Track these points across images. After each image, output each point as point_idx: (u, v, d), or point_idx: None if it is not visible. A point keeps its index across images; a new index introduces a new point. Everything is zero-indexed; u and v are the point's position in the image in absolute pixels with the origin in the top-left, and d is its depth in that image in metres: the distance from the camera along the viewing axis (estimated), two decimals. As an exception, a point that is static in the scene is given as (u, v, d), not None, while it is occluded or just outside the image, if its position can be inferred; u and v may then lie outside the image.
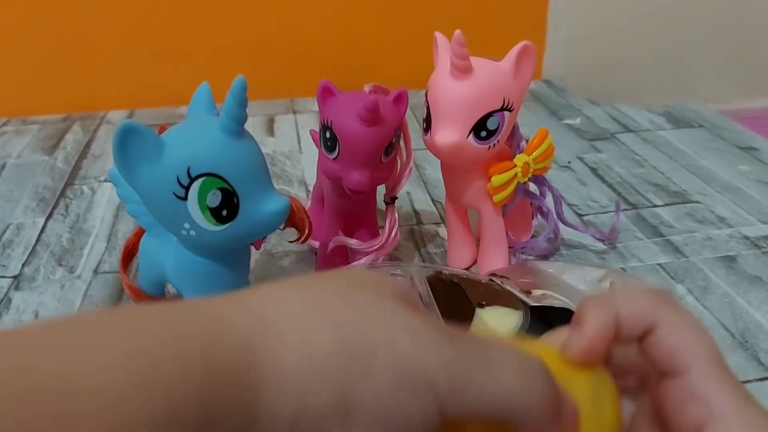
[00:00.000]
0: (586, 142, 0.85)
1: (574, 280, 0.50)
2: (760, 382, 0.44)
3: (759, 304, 0.52)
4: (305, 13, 1.03)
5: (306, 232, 0.47)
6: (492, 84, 0.47)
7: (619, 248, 0.60)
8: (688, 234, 0.62)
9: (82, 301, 0.55)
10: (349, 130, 0.46)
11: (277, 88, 1.02)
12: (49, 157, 0.84)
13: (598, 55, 1.09)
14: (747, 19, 1.10)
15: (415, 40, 0.86)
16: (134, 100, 1.02)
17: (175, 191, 0.36)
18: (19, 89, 1.01)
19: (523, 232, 0.58)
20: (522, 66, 0.48)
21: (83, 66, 1.01)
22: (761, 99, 1.13)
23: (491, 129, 0.47)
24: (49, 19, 0.97)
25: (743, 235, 0.62)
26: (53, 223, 0.68)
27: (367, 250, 0.51)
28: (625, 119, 0.93)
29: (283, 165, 0.80)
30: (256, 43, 1.03)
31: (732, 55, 1.12)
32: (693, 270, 0.57)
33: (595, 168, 0.78)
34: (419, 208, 0.69)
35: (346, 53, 1.05)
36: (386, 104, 0.47)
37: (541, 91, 1.05)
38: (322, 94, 0.48)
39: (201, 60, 1.02)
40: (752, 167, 0.77)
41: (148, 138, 0.35)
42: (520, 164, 0.51)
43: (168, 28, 1.01)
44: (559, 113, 0.96)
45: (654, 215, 0.66)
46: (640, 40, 1.08)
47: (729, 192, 0.71)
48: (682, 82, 1.08)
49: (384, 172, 0.49)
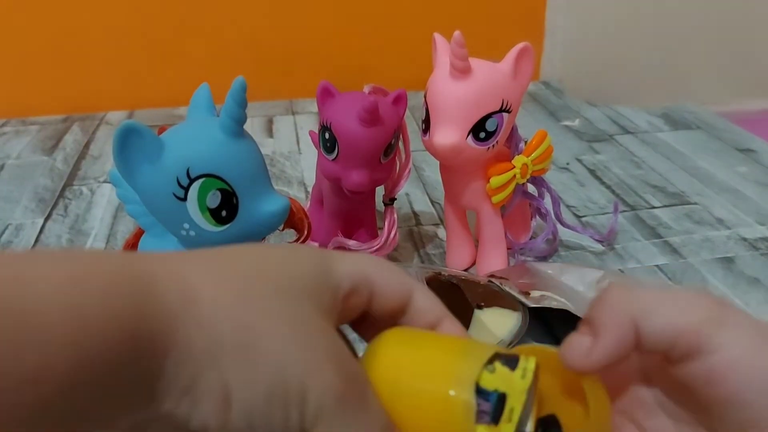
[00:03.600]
0: (584, 144, 0.86)
1: (572, 281, 0.50)
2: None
3: (757, 305, 0.52)
4: (304, 14, 1.03)
5: (305, 232, 0.47)
6: (491, 85, 0.47)
7: (617, 249, 0.60)
8: (686, 235, 0.62)
9: (81, 302, 0.54)
10: (348, 131, 0.46)
11: (277, 89, 1.02)
12: (48, 158, 0.84)
13: (596, 57, 1.09)
14: (744, 22, 1.10)
15: (414, 41, 0.86)
16: (134, 100, 1.02)
17: (174, 192, 0.36)
18: (18, 90, 1.01)
19: (521, 233, 0.58)
20: (521, 67, 0.48)
21: (83, 67, 1.01)
22: (759, 100, 1.13)
23: (490, 130, 0.47)
24: (48, 20, 0.97)
25: (741, 237, 0.62)
26: (52, 223, 0.68)
27: (366, 251, 0.51)
28: (623, 121, 0.93)
29: (283, 166, 0.80)
30: (255, 44, 1.03)
31: (730, 57, 1.12)
32: (691, 271, 0.57)
33: (593, 169, 0.78)
34: (418, 209, 0.69)
35: (346, 54, 1.06)
36: (385, 105, 0.47)
37: (539, 92, 1.05)
38: (321, 95, 0.48)
39: (200, 61, 1.02)
40: (750, 169, 0.77)
41: (147, 138, 0.35)
42: (518, 165, 0.51)
43: (167, 29, 1.01)
44: (558, 115, 0.96)
45: (652, 216, 0.66)
46: (638, 42, 1.09)
47: (727, 193, 0.71)
48: (680, 84, 1.09)
49: (383, 173, 0.49)
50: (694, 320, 0.22)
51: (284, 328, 0.21)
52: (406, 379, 0.23)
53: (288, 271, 0.23)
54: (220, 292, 0.21)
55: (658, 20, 1.08)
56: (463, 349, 0.24)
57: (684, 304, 0.23)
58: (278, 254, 0.24)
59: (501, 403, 0.22)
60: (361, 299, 0.25)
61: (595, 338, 0.23)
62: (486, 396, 0.22)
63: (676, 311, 0.22)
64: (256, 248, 0.25)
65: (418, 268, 0.49)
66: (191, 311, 0.20)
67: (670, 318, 0.22)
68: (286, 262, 0.24)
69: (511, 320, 0.44)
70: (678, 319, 0.22)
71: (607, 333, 0.23)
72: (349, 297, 0.24)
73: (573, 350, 0.24)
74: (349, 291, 0.24)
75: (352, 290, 0.24)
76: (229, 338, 0.20)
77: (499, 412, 0.22)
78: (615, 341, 0.23)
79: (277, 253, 0.24)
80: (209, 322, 0.20)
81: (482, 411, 0.21)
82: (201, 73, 0.68)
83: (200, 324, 0.20)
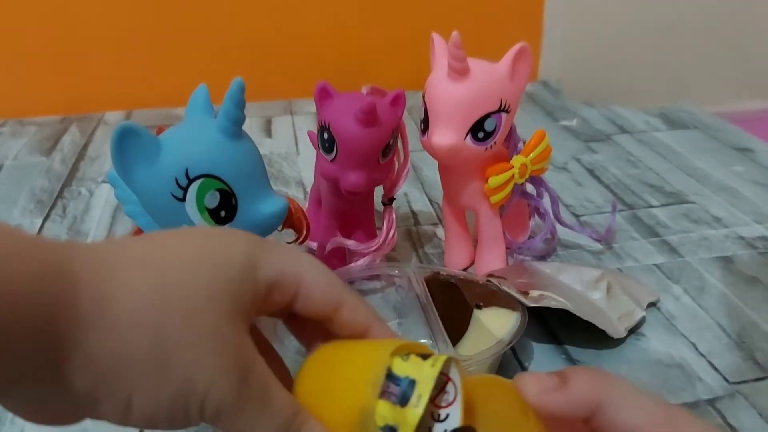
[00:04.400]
0: (582, 144, 0.86)
1: (570, 280, 0.50)
2: (756, 382, 0.44)
3: (755, 304, 0.52)
4: (303, 14, 1.03)
5: (304, 233, 0.47)
6: (489, 85, 0.47)
7: (615, 248, 0.60)
8: (684, 234, 0.63)
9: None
10: (346, 132, 0.46)
11: (275, 89, 1.02)
12: (46, 159, 0.84)
13: (594, 57, 1.09)
14: (742, 22, 1.11)
15: (412, 41, 0.86)
16: (132, 101, 1.02)
17: (173, 192, 0.36)
18: (16, 90, 1.01)
19: (520, 232, 0.58)
20: (519, 68, 0.48)
21: (80, 67, 1.01)
22: (756, 100, 1.13)
23: (488, 130, 0.47)
24: (46, 20, 0.97)
25: (739, 236, 0.62)
26: (51, 224, 0.68)
27: (365, 251, 0.51)
28: (620, 120, 0.93)
29: (281, 166, 0.80)
30: (253, 44, 1.03)
31: (727, 57, 1.12)
32: (689, 270, 0.57)
33: (591, 169, 0.78)
34: (417, 209, 0.69)
35: (344, 55, 1.06)
36: (384, 106, 0.47)
37: (537, 92, 1.06)
38: (319, 95, 0.48)
39: (198, 61, 1.02)
40: (747, 168, 0.77)
41: (145, 139, 0.35)
42: (517, 165, 0.51)
43: (166, 30, 1.01)
44: (556, 115, 0.96)
45: (650, 216, 0.66)
46: (635, 42, 1.09)
47: (724, 192, 0.71)
48: (678, 84, 1.09)
49: (381, 174, 0.49)
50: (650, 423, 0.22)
51: (196, 337, 0.22)
52: (326, 376, 0.25)
53: (215, 263, 0.23)
54: (136, 300, 0.21)
55: (655, 21, 1.08)
56: (383, 342, 0.25)
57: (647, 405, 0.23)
58: (211, 243, 0.24)
59: (410, 389, 0.22)
60: (283, 297, 0.25)
61: (562, 386, 0.23)
62: (396, 381, 0.23)
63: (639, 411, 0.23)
64: (190, 235, 0.25)
65: (416, 268, 0.49)
66: (103, 320, 0.20)
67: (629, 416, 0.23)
68: (216, 252, 0.24)
69: (510, 320, 0.44)
70: (637, 420, 0.22)
71: (576, 390, 0.23)
72: (272, 293, 0.25)
73: (537, 381, 0.24)
74: (273, 287, 0.24)
75: (276, 286, 0.25)
76: (137, 350, 0.21)
77: (407, 397, 0.22)
78: (580, 399, 0.23)
79: (211, 242, 0.24)
80: (120, 332, 0.20)
81: (390, 392, 0.22)
82: (199, 73, 0.68)
83: (108, 334, 0.20)
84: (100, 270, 0.21)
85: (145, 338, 0.21)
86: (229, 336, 0.22)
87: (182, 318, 0.22)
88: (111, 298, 0.21)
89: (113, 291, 0.21)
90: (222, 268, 0.23)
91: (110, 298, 0.21)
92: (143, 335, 0.21)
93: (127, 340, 0.21)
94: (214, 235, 0.25)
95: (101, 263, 0.21)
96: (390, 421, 0.22)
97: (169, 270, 0.22)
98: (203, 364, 0.21)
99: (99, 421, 0.22)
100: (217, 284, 0.23)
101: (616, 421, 0.22)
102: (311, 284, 0.25)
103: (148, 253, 0.23)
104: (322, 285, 0.26)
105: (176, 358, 0.21)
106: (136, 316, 0.21)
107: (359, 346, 0.26)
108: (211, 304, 0.22)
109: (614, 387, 0.23)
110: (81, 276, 0.20)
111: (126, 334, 0.21)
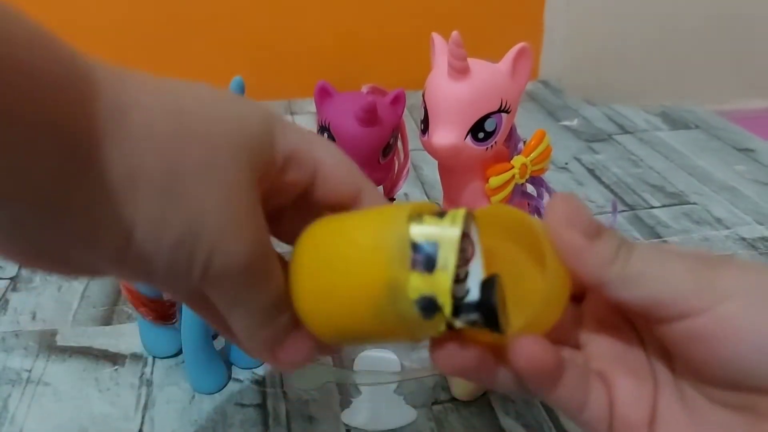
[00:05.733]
0: (583, 143, 0.86)
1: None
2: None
3: (756, 305, 0.52)
4: (303, 14, 1.03)
5: (304, 233, 0.47)
6: (489, 85, 0.47)
7: (616, 249, 0.60)
8: (685, 234, 0.62)
9: (79, 302, 0.54)
10: (346, 131, 0.46)
11: (275, 88, 1.02)
12: (45, 159, 0.84)
13: (595, 56, 1.09)
14: (743, 21, 1.10)
15: (412, 41, 0.86)
16: (131, 101, 1.02)
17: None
18: (15, 90, 1.01)
19: (520, 232, 0.58)
20: (519, 67, 0.48)
21: (80, 67, 1.00)
22: (757, 100, 1.13)
23: (489, 130, 0.47)
24: (44, 20, 0.97)
25: (740, 236, 0.62)
26: (50, 224, 0.67)
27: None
28: (621, 120, 0.93)
29: (281, 166, 0.80)
30: (253, 43, 1.03)
31: (728, 56, 1.12)
32: (690, 270, 0.57)
33: (592, 169, 0.78)
34: (417, 209, 0.69)
35: (344, 54, 1.05)
36: (384, 105, 0.47)
37: (538, 92, 1.05)
38: (319, 95, 0.48)
39: (198, 61, 1.02)
40: (748, 168, 0.77)
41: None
42: (517, 165, 0.51)
43: (164, 29, 1.01)
44: (556, 114, 0.96)
45: (651, 216, 0.66)
46: (636, 42, 1.09)
47: (726, 192, 0.71)
48: (679, 83, 1.09)
49: (381, 173, 0.49)
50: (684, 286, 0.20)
51: (212, 182, 0.20)
52: (335, 244, 0.22)
53: (233, 115, 0.21)
54: (156, 120, 0.19)
55: (656, 20, 1.08)
56: (393, 208, 0.22)
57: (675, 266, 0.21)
58: (230, 96, 0.23)
59: (435, 252, 0.20)
60: (301, 176, 0.23)
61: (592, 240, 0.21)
62: (417, 247, 0.20)
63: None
64: (211, 90, 0.23)
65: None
66: (119, 131, 0.18)
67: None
68: (234, 107, 0.22)
69: (510, 320, 0.43)
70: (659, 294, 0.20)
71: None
72: (288, 169, 0.23)
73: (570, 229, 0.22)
74: (289, 161, 0.23)
75: (292, 162, 0.23)
76: (149, 171, 0.19)
77: (433, 262, 0.20)
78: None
79: (230, 96, 0.23)
80: (133, 146, 0.19)
81: (414, 260, 0.20)
82: (199, 73, 0.68)
83: (122, 146, 0.18)
84: (122, 83, 0.20)
85: (159, 162, 0.19)
86: (247, 191, 0.20)
87: (201, 153, 0.20)
88: (129, 110, 0.19)
89: (131, 104, 0.19)
90: (241, 120, 0.21)
91: (128, 111, 0.19)
92: (158, 157, 0.19)
93: (141, 157, 0.19)
94: (232, 96, 0.23)
95: (123, 78, 0.20)
96: (424, 291, 0.20)
97: (187, 101, 0.21)
98: (217, 210, 0.19)
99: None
100: (236, 135, 0.21)
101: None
102: (332, 166, 0.23)
103: (168, 84, 0.21)
104: (342, 169, 0.24)
105: (189, 193, 0.19)
106: (154, 136, 0.19)
107: (367, 216, 0.22)
108: (231, 150, 0.20)
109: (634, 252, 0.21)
110: (103, 84, 0.19)
111: (140, 148, 0.19)
